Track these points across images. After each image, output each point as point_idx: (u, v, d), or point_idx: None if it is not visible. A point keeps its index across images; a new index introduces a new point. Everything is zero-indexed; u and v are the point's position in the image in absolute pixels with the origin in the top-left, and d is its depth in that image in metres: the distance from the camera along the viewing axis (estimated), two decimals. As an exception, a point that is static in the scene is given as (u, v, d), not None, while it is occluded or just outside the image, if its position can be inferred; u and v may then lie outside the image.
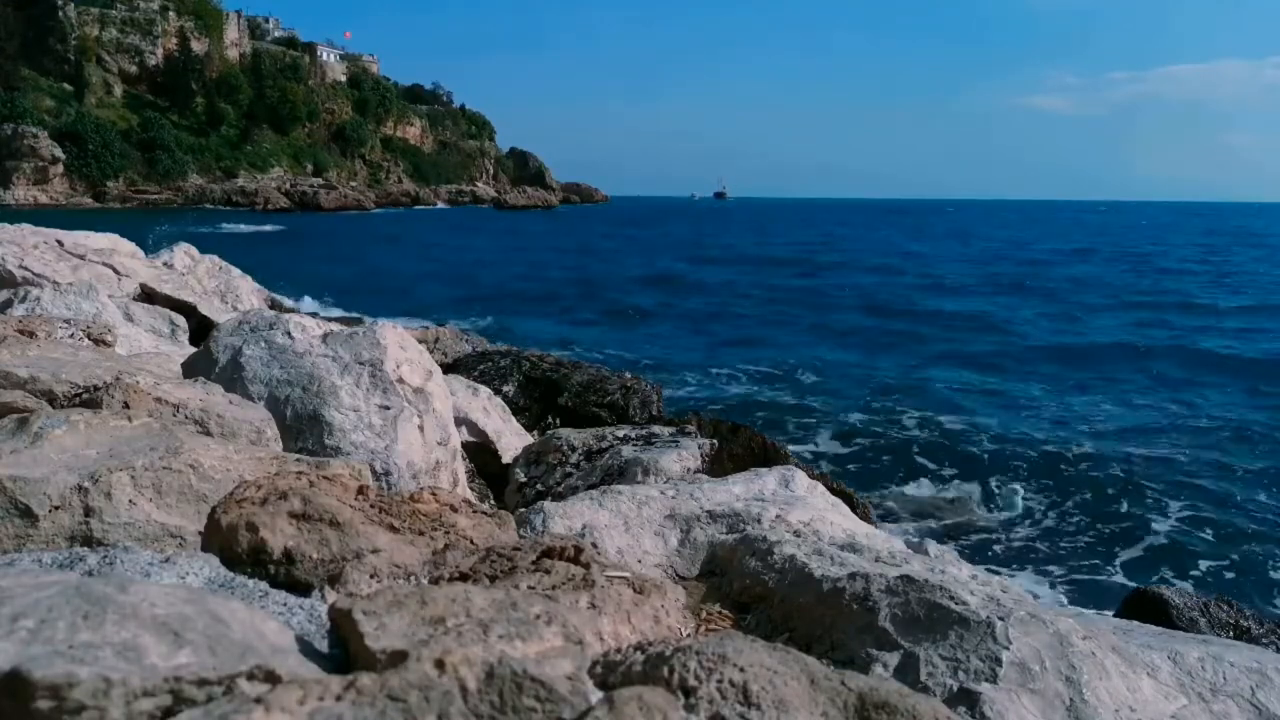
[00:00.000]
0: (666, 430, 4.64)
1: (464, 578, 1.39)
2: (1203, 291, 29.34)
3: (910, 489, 9.04)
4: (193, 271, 7.49)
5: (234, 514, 1.47)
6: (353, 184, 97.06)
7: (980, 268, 37.23)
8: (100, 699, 0.79)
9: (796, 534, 2.59)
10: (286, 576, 1.42)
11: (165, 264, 7.24)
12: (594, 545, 2.43)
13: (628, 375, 6.87)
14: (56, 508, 1.63)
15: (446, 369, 5.50)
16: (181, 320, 5.45)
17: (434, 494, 1.73)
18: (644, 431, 4.56)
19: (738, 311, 23.26)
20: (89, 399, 2.31)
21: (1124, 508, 8.86)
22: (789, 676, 1.01)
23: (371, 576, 1.41)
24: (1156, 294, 28.57)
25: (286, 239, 44.75)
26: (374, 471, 2.81)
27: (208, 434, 2.19)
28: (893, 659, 1.91)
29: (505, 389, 6.33)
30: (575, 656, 1.01)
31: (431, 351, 4.83)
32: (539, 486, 4.15)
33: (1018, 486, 9.32)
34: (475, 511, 1.74)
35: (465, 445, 4.29)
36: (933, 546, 3.00)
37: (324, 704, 0.83)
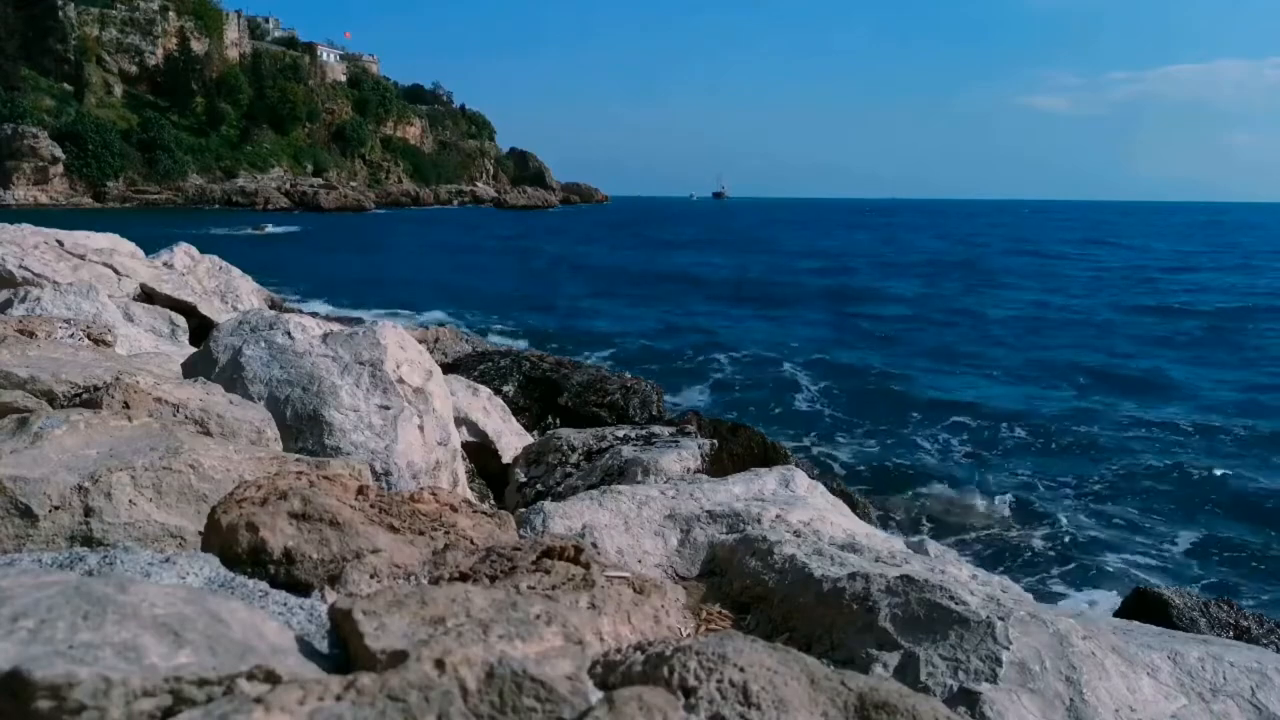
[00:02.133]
0: (666, 430, 4.64)
1: (464, 578, 1.39)
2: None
3: (910, 489, 9.04)
4: (192, 271, 7.49)
5: (234, 514, 1.47)
6: (353, 184, 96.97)
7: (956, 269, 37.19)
8: (100, 699, 0.79)
9: (796, 534, 2.59)
10: (286, 576, 1.42)
11: (165, 264, 7.24)
12: (594, 545, 2.43)
13: (628, 375, 6.88)
14: (56, 508, 1.63)
15: (446, 369, 5.50)
16: (181, 320, 5.45)
17: (434, 494, 1.73)
18: (644, 432, 4.56)
19: (734, 314, 23.27)
20: (89, 399, 2.31)
21: (1124, 507, 8.86)
22: (789, 676, 1.01)
23: (371, 576, 1.41)
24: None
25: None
26: (374, 471, 2.81)
27: (208, 434, 2.19)
28: (893, 659, 1.91)
29: (505, 389, 6.33)
30: (575, 656, 1.01)
31: (431, 351, 4.83)
32: (539, 486, 4.15)
33: (1017, 486, 9.32)
34: (475, 511, 1.74)
35: (465, 445, 4.29)
36: (933, 546, 3.00)
37: (324, 704, 0.83)
